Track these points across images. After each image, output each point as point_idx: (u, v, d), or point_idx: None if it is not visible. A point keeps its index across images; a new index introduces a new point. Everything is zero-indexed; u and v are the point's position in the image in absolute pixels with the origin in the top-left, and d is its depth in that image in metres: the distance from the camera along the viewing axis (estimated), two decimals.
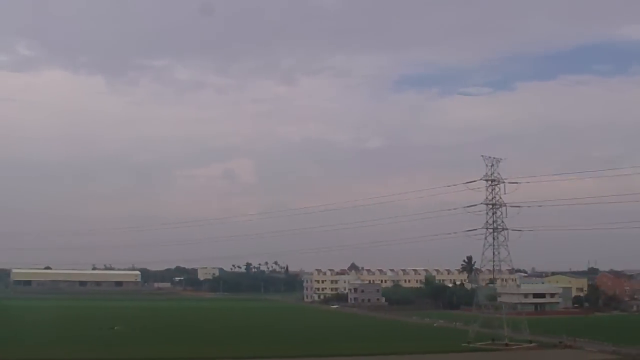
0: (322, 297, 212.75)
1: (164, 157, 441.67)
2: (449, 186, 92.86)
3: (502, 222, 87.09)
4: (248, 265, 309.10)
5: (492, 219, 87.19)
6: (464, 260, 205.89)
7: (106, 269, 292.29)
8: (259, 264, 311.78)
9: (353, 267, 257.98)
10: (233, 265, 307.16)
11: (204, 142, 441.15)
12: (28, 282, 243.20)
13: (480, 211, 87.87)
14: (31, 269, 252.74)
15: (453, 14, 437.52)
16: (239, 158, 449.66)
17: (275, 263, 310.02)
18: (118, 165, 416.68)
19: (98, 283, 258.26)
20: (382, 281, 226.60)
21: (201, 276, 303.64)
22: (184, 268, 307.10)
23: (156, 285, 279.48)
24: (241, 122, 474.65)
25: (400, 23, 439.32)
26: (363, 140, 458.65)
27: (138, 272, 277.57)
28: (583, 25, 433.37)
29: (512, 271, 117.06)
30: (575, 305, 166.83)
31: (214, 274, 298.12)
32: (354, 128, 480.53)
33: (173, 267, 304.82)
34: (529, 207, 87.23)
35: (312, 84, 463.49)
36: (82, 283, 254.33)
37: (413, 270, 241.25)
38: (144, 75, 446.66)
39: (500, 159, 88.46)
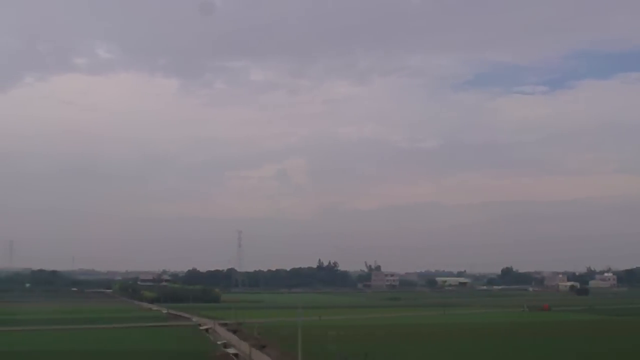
0: None
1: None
2: None
3: None
4: None
5: None
6: None
7: None
8: None
9: None
10: None
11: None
12: None
13: None
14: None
15: (525, 13, 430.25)
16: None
17: None
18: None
19: None
20: None
21: None
22: None
23: None
24: (299, 122, 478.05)
25: (471, 23, 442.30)
26: (419, 140, 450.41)
27: None
28: None
29: None
30: None
31: None
32: (410, 128, 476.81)
33: None
34: None
35: (382, 83, 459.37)
36: None
37: None
38: (219, 77, 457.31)
39: None
